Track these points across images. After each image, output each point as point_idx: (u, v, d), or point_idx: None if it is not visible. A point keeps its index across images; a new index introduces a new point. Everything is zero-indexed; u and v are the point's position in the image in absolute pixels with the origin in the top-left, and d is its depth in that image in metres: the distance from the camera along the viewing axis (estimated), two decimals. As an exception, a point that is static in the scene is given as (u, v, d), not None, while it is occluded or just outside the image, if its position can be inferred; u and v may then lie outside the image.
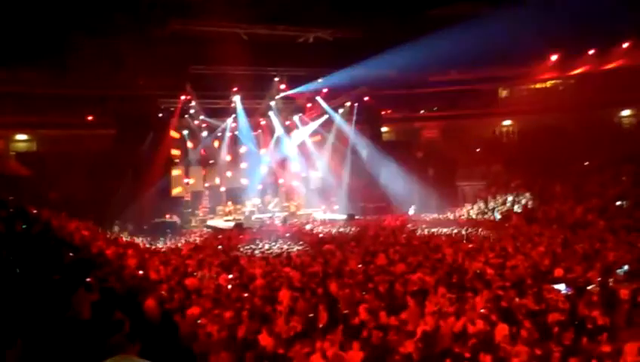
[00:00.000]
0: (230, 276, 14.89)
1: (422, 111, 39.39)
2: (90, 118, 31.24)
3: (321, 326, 9.94)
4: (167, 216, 30.56)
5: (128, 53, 27.04)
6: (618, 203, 25.04)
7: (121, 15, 26.41)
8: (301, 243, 22.06)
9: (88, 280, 8.50)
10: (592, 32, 28.30)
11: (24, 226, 12.93)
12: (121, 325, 6.16)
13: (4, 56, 25.41)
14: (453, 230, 23.87)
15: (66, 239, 14.58)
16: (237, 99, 32.25)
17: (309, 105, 34.87)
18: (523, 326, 9.66)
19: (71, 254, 11.28)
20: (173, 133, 32.45)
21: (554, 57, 34.68)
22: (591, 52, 33.33)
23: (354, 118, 35.01)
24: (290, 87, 32.54)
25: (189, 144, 33.57)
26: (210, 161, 34.60)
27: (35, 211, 18.58)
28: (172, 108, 31.52)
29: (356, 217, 31.57)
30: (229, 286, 13.45)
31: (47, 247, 10.94)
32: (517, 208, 28.50)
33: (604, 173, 28.52)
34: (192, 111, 32.19)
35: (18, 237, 11.16)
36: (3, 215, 13.70)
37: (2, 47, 24.69)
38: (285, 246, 21.21)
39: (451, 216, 30.07)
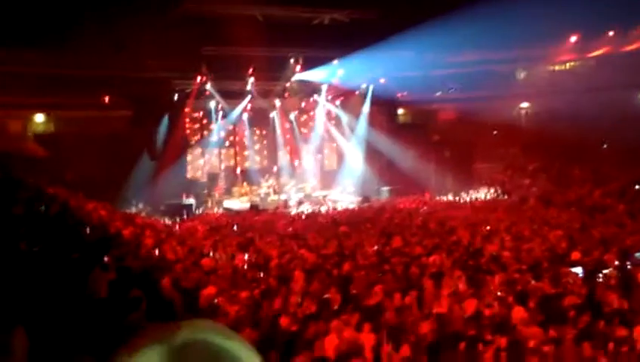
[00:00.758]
0: (246, 256, 14.98)
1: (438, 93, 39.04)
2: (106, 99, 31.36)
3: (335, 307, 9.96)
4: (184, 197, 30.70)
5: (143, 34, 27.01)
6: (637, 186, 24.77)
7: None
8: (316, 225, 22.10)
9: (105, 259, 8.59)
10: (612, 13, 27.83)
11: (42, 208, 13.08)
12: (138, 303, 6.22)
13: (23, 37, 25.53)
14: (469, 212, 23.80)
15: (83, 219, 14.73)
16: (252, 81, 32.18)
17: (324, 86, 34.68)
18: (538, 308, 9.63)
19: (88, 233, 11.40)
20: (189, 115, 32.53)
21: (573, 38, 34.16)
22: (611, 33, 32.77)
23: (369, 99, 34.80)
24: (305, 68, 32.38)
25: (205, 126, 33.63)
26: (226, 143, 34.67)
27: (52, 192, 18.77)
28: (187, 90, 31.54)
29: (372, 199, 31.55)
30: (245, 267, 13.54)
31: (65, 227, 11.06)
32: (534, 191, 28.29)
33: (622, 156, 28.19)
34: (207, 92, 32.18)
35: (37, 218, 11.29)
36: (23, 196, 13.86)
37: (19, 29, 24.80)
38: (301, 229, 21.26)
39: (468, 198, 29.92)
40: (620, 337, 8.56)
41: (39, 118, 31.92)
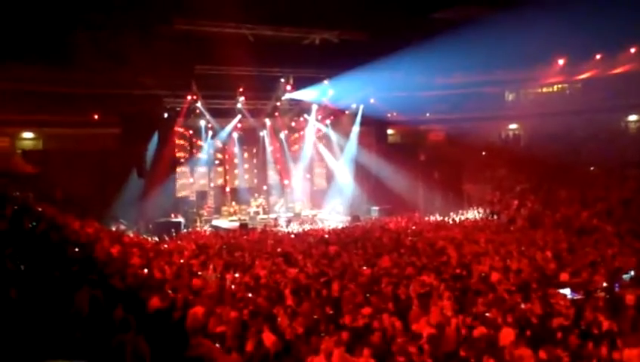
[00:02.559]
0: (237, 275, 14.90)
1: (427, 114, 39.30)
2: (95, 116, 31.28)
3: (324, 327, 9.90)
4: (172, 215, 30.56)
5: (133, 51, 27.06)
6: (624, 207, 24.93)
7: (126, 13, 26.45)
8: (305, 244, 22.01)
9: (92, 277, 8.51)
10: (599, 36, 28.25)
11: (32, 224, 12.96)
12: (127, 323, 6.15)
13: (10, 53, 25.47)
14: (457, 233, 23.81)
15: (70, 237, 14.61)
16: (242, 100, 32.25)
17: (314, 106, 34.81)
18: (527, 329, 9.63)
19: (75, 251, 11.30)
20: (179, 133, 32.51)
21: (561, 61, 34.61)
22: (598, 56, 33.23)
23: (359, 119, 34.95)
24: (295, 88, 32.52)
25: (195, 144, 33.62)
26: (216, 162, 34.66)
27: (40, 209, 18.63)
28: (178, 108, 31.54)
29: (361, 218, 31.56)
30: (233, 286, 13.44)
31: (52, 245, 10.96)
32: (522, 212, 28.40)
33: (609, 177, 28.42)
34: (197, 111, 32.21)
35: (24, 235, 11.18)
36: (8, 212, 13.74)
37: (8, 45, 24.76)
38: (290, 248, 21.17)
39: (457, 219, 29.99)
40: (609, 359, 8.56)
41: (28, 134, 31.80)
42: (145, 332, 5.90)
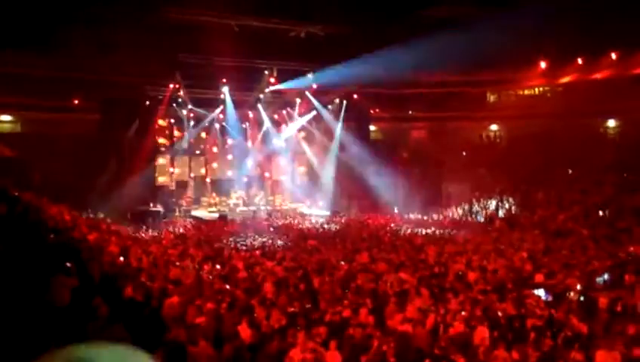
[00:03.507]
0: (215, 267, 14.85)
1: (410, 112, 39.43)
2: (76, 101, 30.91)
3: (301, 321, 9.91)
4: (151, 204, 30.34)
5: (118, 38, 26.77)
6: (600, 212, 25.27)
7: (115, 1, 26.20)
8: (285, 237, 22.03)
9: (68, 264, 8.41)
10: (582, 41, 28.54)
11: (7, 208, 12.77)
12: (95, 311, 6.10)
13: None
14: (435, 231, 23.98)
15: (47, 222, 14.43)
16: (226, 90, 32.07)
17: (297, 100, 34.75)
18: (501, 329, 9.72)
19: (52, 237, 11.16)
20: (160, 122, 32.26)
21: (543, 64, 34.88)
22: (580, 60, 33.56)
23: (342, 115, 34.96)
24: (279, 80, 32.43)
25: (176, 133, 33.40)
26: (197, 152, 34.47)
27: (16, 193, 18.36)
28: (160, 97, 31.30)
29: (341, 214, 31.61)
30: (211, 278, 13.40)
31: (27, 230, 10.81)
32: (500, 212, 28.67)
33: (586, 181, 28.76)
34: (179, 100, 31.98)
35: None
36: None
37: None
38: (269, 241, 21.16)
39: (436, 217, 30.17)
40: (576, 360, 8.67)
41: (5, 117, 31.30)
42: (122, 321, 5.86)
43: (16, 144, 27.79)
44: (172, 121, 33.07)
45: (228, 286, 12.27)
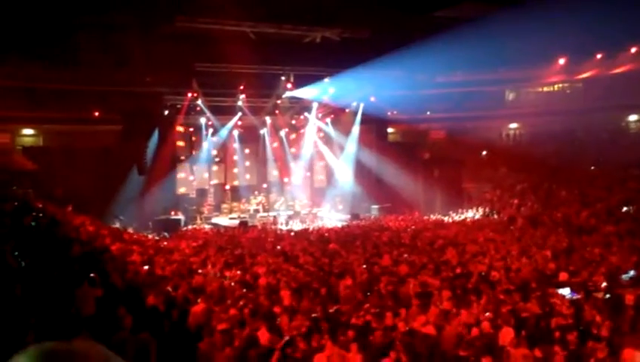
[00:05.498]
0: (237, 273, 14.91)
1: (428, 113, 39.26)
2: (96, 113, 31.26)
3: (324, 325, 9.92)
4: (172, 213, 30.56)
5: (135, 49, 27.05)
6: (624, 208, 24.94)
7: (127, 11, 26.48)
8: (305, 242, 22.02)
9: (92, 275, 8.52)
10: (601, 36, 28.25)
11: (33, 222, 12.96)
12: (120, 321, 6.17)
13: (11, 50, 25.48)
14: (457, 232, 23.82)
15: (71, 234, 14.62)
16: (243, 98, 32.23)
17: (315, 104, 34.78)
18: (526, 329, 9.64)
19: (76, 248, 11.31)
20: (179, 130, 32.50)
21: (562, 60, 34.58)
22: (599, 56, 33.22)
23: (360, 118, 34.92)
24: (296, 86, 32.50)
25: (195, 141, 33.61)
26: (216, 159, 34.64)
27: (40, 205, 18.63)
28: (178, 106, 31.52)
29: (361, 217, 31.57)
30: (233, 284, 13.46)
31: (53, 242, 10.97)
32: (522, 211, 28.41)
33: (609, 177, 28.42)
34: (198, 108, 32.18)
35: (24, 231, 11.19)
36: (8, 208, 13.75)
37: (10, 42, 24.78)
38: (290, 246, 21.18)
39: (457, 218, 29.99)
40: (607, 360, 8.56)
41: (28, 131, 31.76)
42: (147, 330, 5.92)
43: (37, 157, 28.17)
44: (191, 129, 33.29)
45: (248, 293, 12.31)
